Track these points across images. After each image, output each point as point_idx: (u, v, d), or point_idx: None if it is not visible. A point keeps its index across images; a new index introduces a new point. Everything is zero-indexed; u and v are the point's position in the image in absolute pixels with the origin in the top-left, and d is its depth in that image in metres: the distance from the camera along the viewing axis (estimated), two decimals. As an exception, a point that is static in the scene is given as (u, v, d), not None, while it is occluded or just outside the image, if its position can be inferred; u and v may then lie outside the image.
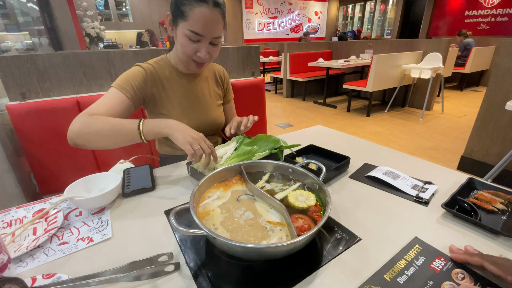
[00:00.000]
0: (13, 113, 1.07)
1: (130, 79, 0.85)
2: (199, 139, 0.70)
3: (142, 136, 0.72)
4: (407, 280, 0.45)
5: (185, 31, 0.79)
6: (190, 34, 0.79)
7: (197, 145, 0.68)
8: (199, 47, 0.82)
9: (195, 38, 0.80)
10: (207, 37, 0.80)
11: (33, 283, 0.45)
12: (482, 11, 6.78)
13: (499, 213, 0.61)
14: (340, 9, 11.50)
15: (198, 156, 0.68)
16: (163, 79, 0.93)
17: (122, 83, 0.83)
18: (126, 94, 0.82)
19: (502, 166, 1.83)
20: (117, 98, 0.81)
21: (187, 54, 0.84)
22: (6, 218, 0.63)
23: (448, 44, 3.83)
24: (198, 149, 0.68)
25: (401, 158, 0.93)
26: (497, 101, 2.07)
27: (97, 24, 4.79)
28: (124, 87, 0.83)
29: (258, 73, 1.78)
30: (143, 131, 0.72)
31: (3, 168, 1.05)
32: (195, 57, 0.85)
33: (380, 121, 3.83)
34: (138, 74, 0.87)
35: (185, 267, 0.49)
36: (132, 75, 0.86)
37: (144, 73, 0.88)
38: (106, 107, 0.78)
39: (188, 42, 0.81)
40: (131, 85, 0.84)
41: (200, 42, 0.81)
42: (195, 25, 0.77)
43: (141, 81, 0.87)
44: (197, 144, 0.69)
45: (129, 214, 0.66)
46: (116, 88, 0.82)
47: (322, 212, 0.54)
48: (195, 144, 0.68)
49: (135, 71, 0.87)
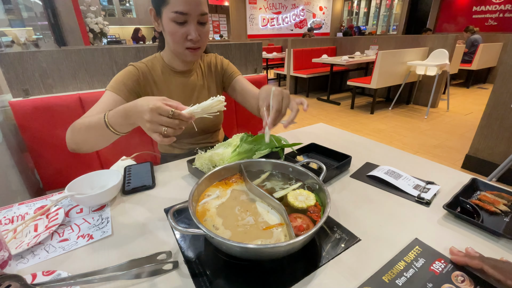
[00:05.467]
0: (16, 109, 1.08)
1: (123, 79, 0.85)
2: (158, 119, 0.53)
3: (110, 127, 0.63)
4: (406, 282, 0.45)
5: (170, 15, 0.78)
6: (175, 16, 0.77)
7: (160, 127, 0.54)
8: (188, 30, 0.81)
9: (181, 19, 0.79)
10: (193, 16, 0.79)
11: (33, 279, 0.45)
12: (490, 7, 6.64)
13: (501, 214, 0.60)
14: (345, 4, 11.35)
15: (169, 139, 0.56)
16: (156, 77, 0.93)
17: (115, 84, 0.83)
18: (120, 95, 0.82)
19: (507, 165, 1.80)
20: (111, 100, 0.80)
21: (178, 42, 0.83)
22: (8, 214, 0.64)
23: (455, 41, 3.76)
24: (165, 131, 0.54)
25: (403, 157, 0.92)
26: (503, 99, 2.03)
27: (100, 20, 4.80)
28: (117, 87, 0.83)
29: (260, 69, 1.77)
30: (109, 122, 0.63)
31: (7, 163, 1.06)
32: (187, 44, 0.83)
33: (384, 118, 3.80)
34: (130, 73, 0.87)
35: (184, 266, 0.49)
36: (125, 75, 0.86)
37: (136, 72, 0.88)
38: (100, 110, 0.77)
39: (175, 27, 0.80)
40: (124, 85, 0.84)
41: (188, 24, 0.80)
42: (177, 5, 0.76)
43: (134, 80, 0.87)
44: (158, 125, 0.54)
45: (129, 212, 0.66)
46: (110, 90, 0.82)
47: (322, 212, 0.54)
48: (158, 127, 0.54)
49: (128, 71, 0.88)
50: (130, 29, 8.83)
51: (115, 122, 0.63)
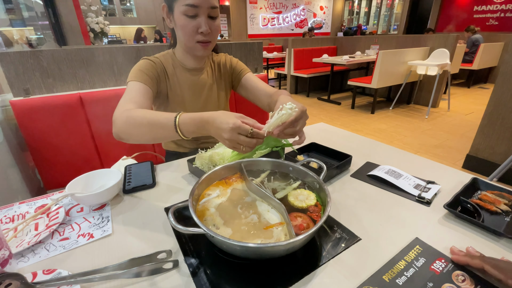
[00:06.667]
0: (17, 109, 1.08)
1: (143, 69, 0.86)
2: (237, 138, 0.56)
3: (179, 131, 0.63)
4: (406, 281, 0.44)
5: (181, 9, 0.79)
6: (186, 9, 0.78)
7: (239, 145, 0.57)
8: (198, 23, 0.81)
9: (192, 13, 0.79)
10: (204, 8, 0.80)
11: (33, 278, 0.45)
12: (491, 7, 6.61)
13: (502, 214, 0.60)
14: (346, 4, 11.33)
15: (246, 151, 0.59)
16: (168, 72, 0.94)
17: (136, 74, 0.84)
18: (146, 83, 0.83)
19: (508, 165, 1.80)
20: (140, 89, 0.81)
21: (189, 35, 0.83)
22: (9, 213, 0.64)
23: (455, 40, 3.75)
24: (243, 149, 0.58)
25: (404, 157, 0.91)
26: (504, 99, 2.03)
27: (101, 19, 4.79)
28: (140, 76, 0.83)
29: (261, 69, 1.77)
30: (179, 126, 0.62)
31: (8, 163, 1.06)
32: (197, 37, 0.84)
33: (384, 118, 3.79)
34: (148, 64, 0.88)
35: (184, 265, 0.49)
36: (144, 66, 0.87)
37: (153, 64, 0.90)
38: (137, 99, 0.78)
39: (186, 21, 0.80)
40: (146, 74, 0.85)
41: (198, 17, 0.81)
42: None
43: (153, 70, 0.88)
44: (237, 144, 0.57)
45: (129, 211, 0.66)
46: (134, 80, 0.82)
47: (322, 212, 0.54)
48: (237, 145, 0.57)
49: (144, 62, 0.89)
50: (131, 29, 8.83)
51: (186, 129, 0.62)
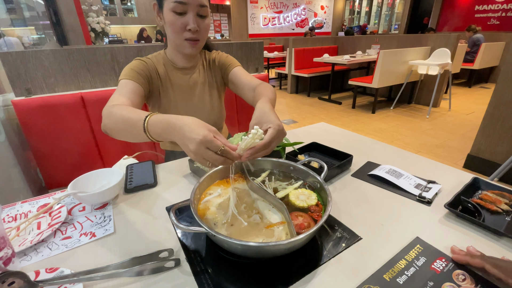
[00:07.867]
0: (19, 108, 1.08)
1: (134, 68, 0.86)
2: (205, 153, 0.49)
3: (147, 132, 0.58)
4: (407, 280, 0.45)
5: (169, 6, 0.79)
6: (175, 5, 0.79)
7: (205, 161, 0.50)
8: (186, 20, 0.82)
9: (180, 9, 0.80)
10: (192, 6, 0.80)
11: (36, 277, 0.46)
12: (492, 6, 6.60)
13: (503, 213, 0.60)
14: (346, 3, 11.31)
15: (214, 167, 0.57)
16: (159, 72, 0.95)
17: (128, 73, 0.84)
18: (136, 81, 0.83)
19: (509, 165, 1.80)
20: (131, 87, 0.81)
21: (177, 32, 0.83)
22: (11, 212, 0.64)
23: (457, 40, 3.75)
24: (209, 165, 0.52)
25: (405, 156, 0.91)
26: (506, 98, 2.03)
27: (102, 19, 4.80)
28: (131, 75, 0.84)
29: (262, 69, 1.77)
30: (148, 127, 0.57)
31: (10, 162, 1.07)
32: (186, 34, 0.84)
33: (385, 118, 3.79)
34: (140, 64, 0.89)
35: (185, 264, 0.50)
36: (136, 66, 0.88)
37: (145, 64, 0.90)
38: (127, 96, 0.78)
39: (175, 18, 0.81)
40: (136, 72, 0.86)
41: (187, 14, 0.81)
42: None
43: (145, 69, 0.89)
44: (202, 159, 0.50)
45: (131, 210, 0.66)
46: (125, 78, 0.83)
47: (323, 211, 0.54)
48: (202, 160, 0.50)
49: (136, 62, 0.89)
50: (132, 28, 8.85)
51: (154, 130, 0.57)
